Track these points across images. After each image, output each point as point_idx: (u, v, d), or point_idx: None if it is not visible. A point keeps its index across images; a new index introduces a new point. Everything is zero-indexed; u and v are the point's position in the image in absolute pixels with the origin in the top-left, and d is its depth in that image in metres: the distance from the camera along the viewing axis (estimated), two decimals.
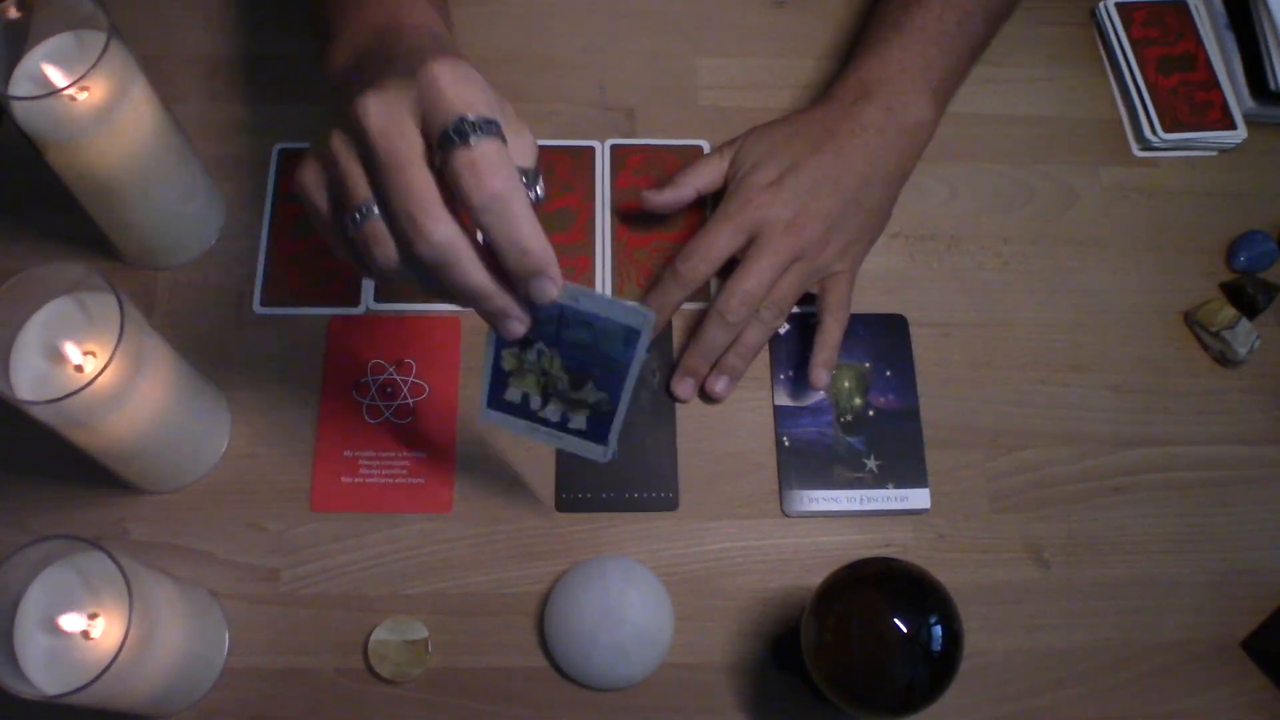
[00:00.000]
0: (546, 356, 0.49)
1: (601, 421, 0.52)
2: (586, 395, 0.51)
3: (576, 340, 0.48)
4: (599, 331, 0.47)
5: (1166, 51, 0.77)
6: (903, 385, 0.67)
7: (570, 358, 0.49)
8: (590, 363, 0.49)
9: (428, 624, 0.59)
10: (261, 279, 0.68)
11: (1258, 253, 0.72)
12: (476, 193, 0.41)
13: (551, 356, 0.49)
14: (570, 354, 0.49)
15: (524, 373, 0.51)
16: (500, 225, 0.42)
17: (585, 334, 0.47)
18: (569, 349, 0.48)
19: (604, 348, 0.48)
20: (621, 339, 0.47)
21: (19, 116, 0.53)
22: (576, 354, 0.49)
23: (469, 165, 0.41)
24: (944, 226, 0.73)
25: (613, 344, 0.48)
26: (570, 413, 0.52)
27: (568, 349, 0.48)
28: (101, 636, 0.48)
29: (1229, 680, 0.62)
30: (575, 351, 0.49)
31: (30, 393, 0.51)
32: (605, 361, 0.49)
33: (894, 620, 0.49)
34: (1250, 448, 0.68)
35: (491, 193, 0.41)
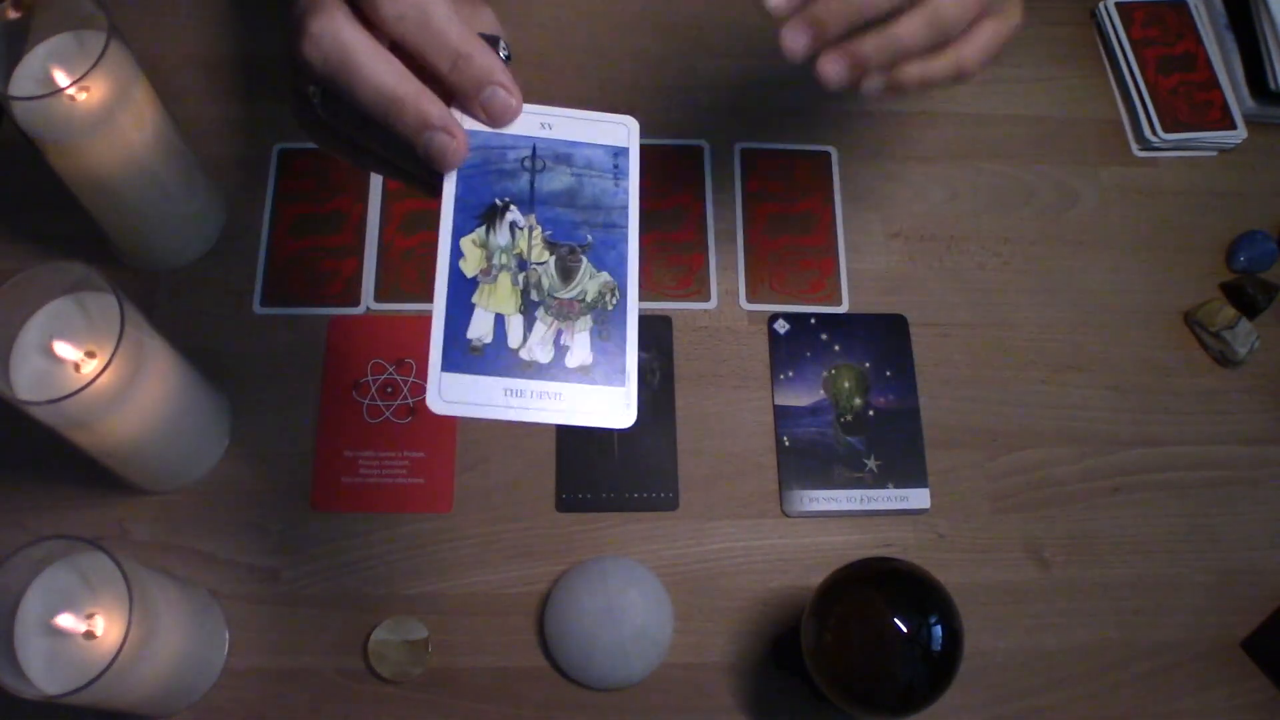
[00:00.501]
0: (522, 230, 0.39)
1: (610, 339, 0.39)
2: (584, 285, 0.40)
3: (556, 191, 0.40)
4: (581, 167, 0.40)
5: (1166, 51, 0.77)
6: (903, 385, 0.67)
7: (552, 223, 0.40)
8: (578, 223, 0.40)
9: (428, 624, 0.59)
10: (261, 279, 0.68)
11: (1258, 253, 0.72)
12: (387, 3, 0.37)
13: (528, 228, 0.39)
14: (551, 217, 0.40)
15: (493, 274, 0.39)
16: (420, 31, 0.37)
17: (566, 176, 0.40)
18: (548, 209, 0.40)
19: (590, 190, 0.40)
20: (610, 169, 0.40)
21: (19, 116, 0.53)
22: (559, 215, 0.40)
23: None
24: (944, 226, 0.73)
25: (601, 181, 0.40)
26: (567, 332, 0.39)
27: (547, 210, 0.40)
28: (101, 636, 0.48)
29: (1229, 680, 0.62)
30: (557, 211, 0.40)
31: (30, 393, 0.50)
32: (596, 212, 0.40)
33: (894, 620, 0.49)
34: (1250, 448, 0.68)
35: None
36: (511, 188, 0.39)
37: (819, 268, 0.70)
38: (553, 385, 0.38)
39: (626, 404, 0.38)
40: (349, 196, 0.70)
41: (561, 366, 0.39)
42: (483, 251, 0.39)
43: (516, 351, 0.38)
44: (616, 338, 0.39)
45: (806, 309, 0.69)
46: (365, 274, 0.68)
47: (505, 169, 0.39)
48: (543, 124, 0.39)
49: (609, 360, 0.39)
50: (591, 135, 0.40)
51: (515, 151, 0.39)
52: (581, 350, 0.39)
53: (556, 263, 0.39)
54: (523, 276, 0.39)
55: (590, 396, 0.38)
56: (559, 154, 0.39)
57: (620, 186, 0.40)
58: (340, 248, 0.68)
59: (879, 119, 0.75)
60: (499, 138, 0.40)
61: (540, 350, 0.38)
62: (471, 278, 0.38)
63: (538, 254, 0.39)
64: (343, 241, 0.69)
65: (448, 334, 0.38)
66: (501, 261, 0.39)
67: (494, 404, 0.38)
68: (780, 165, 0.73)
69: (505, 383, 0.38)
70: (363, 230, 0.69)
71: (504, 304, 0.39)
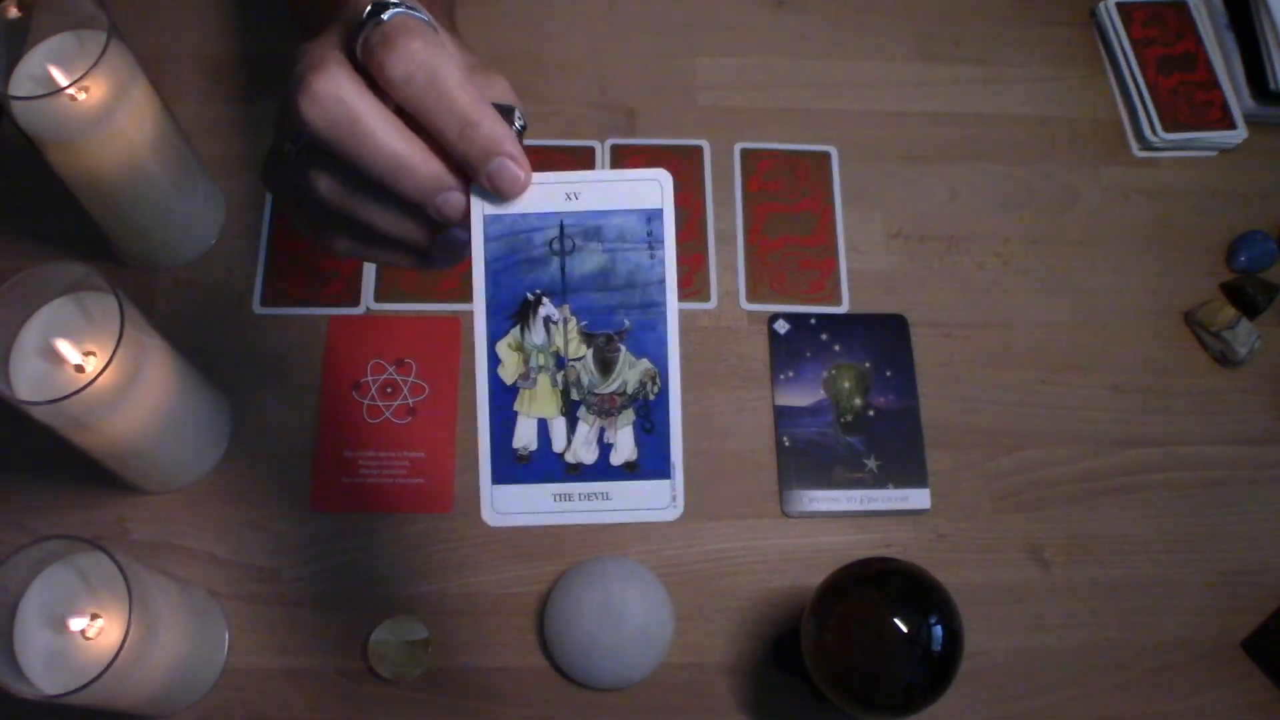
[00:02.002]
0: (557, 325, 0.38)
1: (654, 430, 0.38)
2: (624, 376, 0.38)
3: (588, 274, 0.37)
4: (613, 241, 0.37)
5: (1166, 51, 0.77)
6: (903, 385, 0.67)
7: (587, 311, 0.38)
8: (613, 307, 0.38)
9: (428, 624, 0.59)
10: (261, 279, 0.68)
11: (1258, 253, 0.72)
12: (395, 64, 0.35)
13: (563, 320, 0.38)
14: (585, 305, 0.38)
15: (532, 378, 0.38)
16: (427, 95, 0.35)
17: (597, 254, 0.37)
18: (581, 296, 0.38)
19: (624, 267, 0.37)
20: (643, 239, 0.37)
21: (19, 116, 0.53)
22: (594, 301, 0.38)
23: (381, 39, 0.35)
24: (944, 226, 0.73)
25: (635, 254, 0.37)
26: (610, 430, 0.38)
27: (580, 297, 0.38)
28: (101, 636, 0.48)
29: (1229, 680, 0.62)
30: (591, 297, 0.38)
31: (30, 393, 0.50)
32: (632, 292, 0.38)
33: (894, 620, 0.49)
34: (1250, 448, 0.68)
35: (411, 57, 0.35)
36: (542, 277, 0.37)
37: (819, 268, 0.70)
38: (600, 486, 0.38)
39: (674, 496, 0.38)
40: None
41: (607, 466, 0.38)
42: (519, 355, 0.38)
43: (562, 455, 0.38)
44: (660, 427, 0.38)
45: (806, 309, 0.69)
46: (365, 274, 0.68)
47: (534, 256, 0.37)
48: (568, 194, 0.37)
49: (654, 452, 0.38)
50: (621, 200, 0.37)
51: (542, 234, 0.37)
52: (625, 446, 0.38)
53: (594, 355, 0.38)
54: (561, 375, 0.38)
55: (638, 493, 0.38)
56: (588, 229, 0.37)
57: (656, 258, 0.37)
58: None
59: (879, 119, 0.75)
60: (524, 220, 0.37)
61: (585, 451, 0.38)
62: (511, 385, 0.38)
63: (574, 348, 0.38)
64: None
65: (494, 447, 0.38)
66: (539, 363, 0.38)
67: (545, 510, 0.38)
68: (780, 165, 0.73)
69: (554, 488, 0.38)
70: None
71: (545, 408, 0.38)
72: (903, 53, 0.78)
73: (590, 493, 0.38)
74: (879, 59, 0.77)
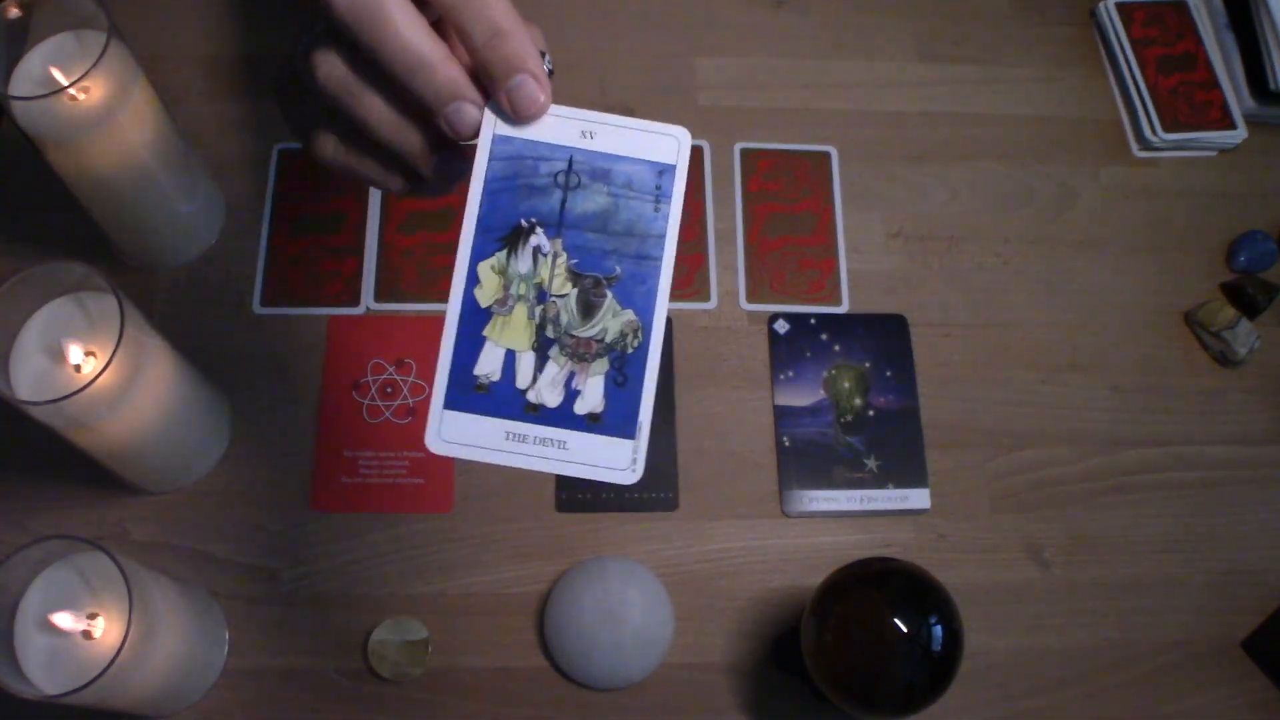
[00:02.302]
0: (546, 259, 0.36)
1: (625, 385, 0.36)
2: (605, 324, 0.36)
3: (589, 213, 0.36)
4: (620, 186, 0.36)
5: (1166, 51, 0.77)
6: (903, 385, 0.67)
7: (579, 250, 0.36)
8: (608, 252, 0.36)
9: (428, 624, 0.59)
10: (261, 279, 0.68)
11: (1258, 253, 0.72)
12: None
13: (553, 255, 0.36)
14: (580, 243, 0.36)
15: (509, 305, 0.36)
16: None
17: (602, 196, 0.36)
18: (577, 234, 0.36)
19: (626, 214, 0.36)
20: (651, 191, 0.36)
21: (19, 116, 0.53)
22: (589, 242, 0.36)
23: None
24: (944, 226, 0.73)
25: (640, 204, 0.36)
26: (580, 375, 0.36)
27: (575, 235, 0.36)
28: (101, 636, 0.48)
29: (1229, 680, 0.62)
30: (587, 237, 0.36)
31: (30, 393, 0.50)
32: (629, 240, 0.36)
33: (894, 620, 0.49)
34: (1250, 448, 0.68)
35: None
36: (540, 207, 0.36)
37: (819, 268, 0.70)
38: (558, 432, 0.35)
39: (634, 459, 0.35)
40: (349, 196, 0.70)
41: (569, 413, 0.36)
42: (500, 279, 0.36)
43: (524, 393, 0.36)
44: (633, 384, 0.36)
45: (806, 309, 0.69)
46: (365, 274, 0.68)
47: (537, 184, 0.36)
48: (584, 132, 0.36)
49: (622, 409, 0.36)
50: (636, 148, 0.36)
51: (549, 164, 0.36)
52: (593, 396, 0.36)
53: (578, 296, 0.36)
54: (540, 310, 0.36)
55: (596, 448, 0.35)
56: (597, 169, 0.36)
57: (660, 212, 0.36)
58: (340, 248, 0.68)
59: (879, 119, 0.75)
60: (533, 148, 0.36)
61: (549, 393, 0.36)
62: (486, 308, 0.36)
63: (559, 285, 0.36)
64: (343, 241, 0.69)
65: (454, 368, 0.35)
66: (519, 291, 0.36)
67: (494, 447, 0.35)
68: (780, 165, 0.73)
69: (508, 425, 0.36)
70: (363, 230, 0.69)
71: (517, 339, 0.36)
72: (903, 53, 0.78)
73: (546, 438, 0.35)
74: (879, 59, 0.77)
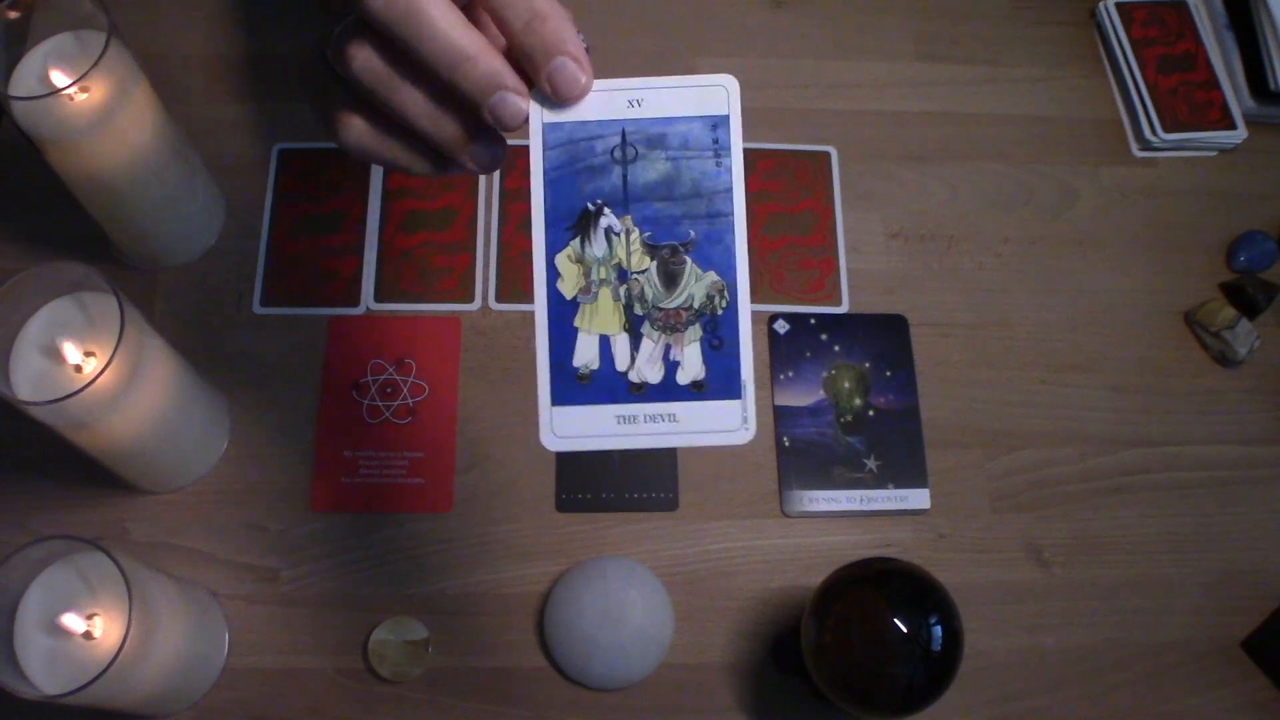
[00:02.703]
0: (619, 236, 0.36)
1: (722, 346, 0.36)
2: (690, 290, 0.36)
3: (651, 182, 0.36)
4: (677, 148, 0.36)
5: (1166, 51, 0.77)
6: (903, 385, 0.67)
7: (650, 221, 0.36)
8: (678, 218, 0.36)
9: (428, 624, 0.59)
10: (261, 279, 0.68)
11: (1258, 253, 0.72)
12: None
13: (625, 231, 0.36)
14: (649, 214, 0.36)
15: (593, 292, 0.36)
16: None
17: (661, 162, 0.36)
18: (644, 206, 0.36)
19: (689, 175, 0.36)
20: (709, 146, 0.36)
21: (19, 116, 0.53)
22: (657, 211, 0.36)
23: None
24: (944, 226, 0.73)
25: (700, 161, 0.36)
26: (676, 346, 0.36)
27: (643, 207, 0.36)
28: (101, 636, 0.48)
29: (1229, 680, 0.62)
30: (654, 206, 0.36)
31: (30, 393, 0.50)
32: (697, 201, 0.36)
33: (894, 620, 0.49)
34: (1250, 448, 0.68)
35: None
36: (603, 186, 0.35)
37: (819, 268, 0.70)
38: (666, 406, 0.36)
39: (744, 418, 0.36)
40: (349, 196, 0.70)
41: (673, 384, 0.36)
42: (579, 267, 0.36)
43: (625, 374, 0.36)
44: (729, 344, 0.36)
45: (806, 309, 0.69)
46: (365, 274, 0.68)
47: (595, 164, 0.35)
48: (630, 101, 0.35)
49: (723, 371, 0.36)
50: (686, 106, 0.35)
51: (603, 142, 0.35)
52: (693, 364, 0.36)
53: (658, 268, 0.36)
54: (624, 289, 0.36)
55: (706, 414, 0.36)
56: (651, 136, 0.36)
57: (722, 165, 0.36)
58: (340, 248, 0.68)
59: (879, 119, 0.75)
60: (584, 128, 0.36)
61: (649, 370, 0.36)
62: (571, 299, 0.36)
63: (637, 260, 0.36)
64: (343, 241, 0.69)
65: (553, 365, 0.36)
66: (600, 276, 0.36)
67: (608, 433, 0.36)
68: (780, 165, 0.73)
69: (617, 410, 0.36)
70: (363, 230, 0.69)
71: (607, 324, 0.36)
72: (903, 53, 0.78)
73: (656, 414, 0.36)
74: (879, 59, 0.77)
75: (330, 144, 0.74)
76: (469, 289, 0.68)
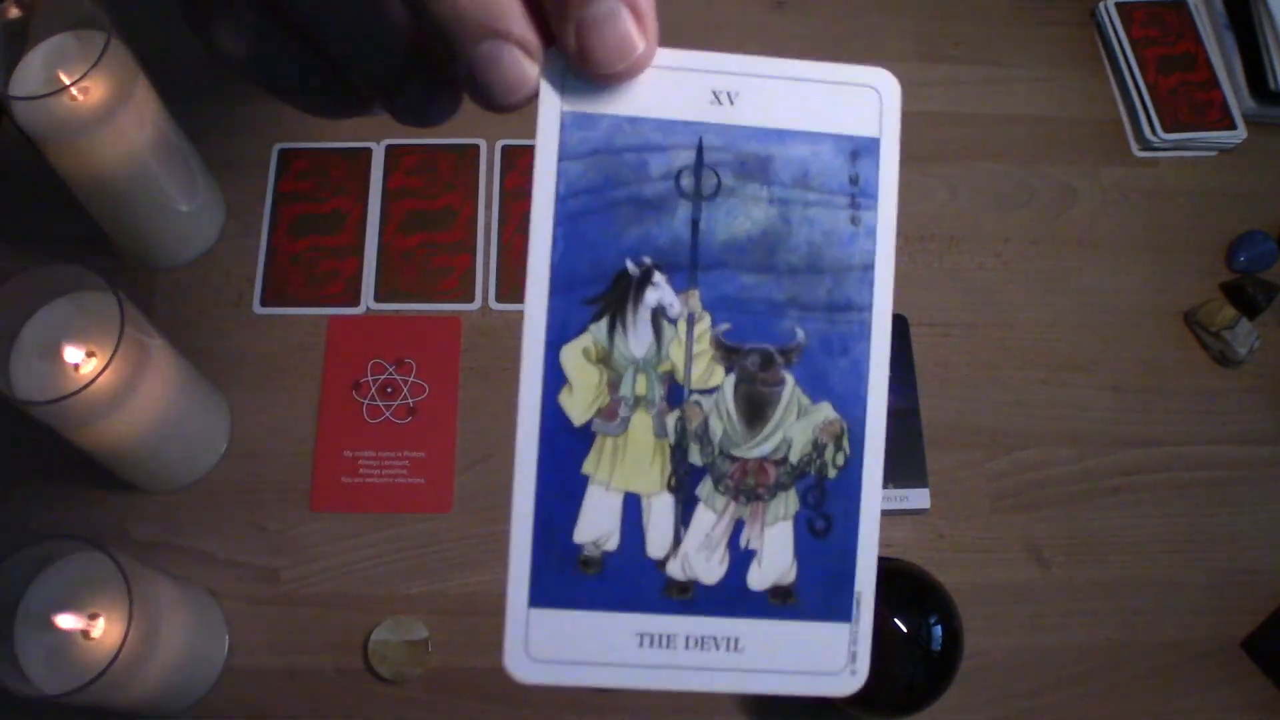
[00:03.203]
0: (675, 327, 0.22)
1: (830, 533, 0.23)
2: (785, 432, 0.23)
3: (738, 239, 0.22)
4: (788, 185, 0.22)
5: (1166, 51, 0.77)
6: (903, 385, 0.67)
7: (732, 306, 0.22)
8: (779, 305, 0.22)
9: (428, 624, 0.59)
10: (261, 279, 0.68)
11: (1258, 253, 0.72)
12: None
13: (687, 315, 0.22)
14: (730, 294, 0.22)
15: (621, 419, 0.22)
16: None
17: (760, 205, 0.22)
18: (724, 277, 0.22)
19: (805, 233, 0.22)
20: (844, 187, 0.22)
21: (19, 116, 0.53)
22: (745, 289, 0.22)
23: None
24: (944, 226, 0.73)
25: (826, 212, 0.22)
26: (752, 525, 0.23)
27: (721, 279, 0.22)
28: (101, 636, 0.48)
29: (1229, 680, 0.62)
30: (740, 281, 0.22)
31: (30, 393, 0.50)
32: (815, 280, 0.22)
33: (894, 620, 0.49)
34: (1250, 448, 0.68)
35: None
36: (657, 235, 0.22)
37: None
38: (725, 624, 0.23)
39: (853, 654, 0.23)
40: (349, 196, 0.70)
41: (740, 589, 0.23)
42: (602, 372, 0.22)
43: (662, 564, 0.23)
44: (840, 528, 0.23)
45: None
46: (365, 274, 0.68)
47: (646, 196, 0.22)
48: (718, 93, 0.23)
49: (826, 572, 0.23)
50: (810, 114, 0.22)
51: (665, 158, 0.22)
52: (778, 557, 0.23)
53: (738, 387, 0.22)
54: (675, 419, 0.22)
55: (789, 642, 0.23)
56: (746, 158, 0.22)
57: (861, 225, 0.22)
58: (340, 248, 0.68)
59: None
60: (635, 131, 0.23)
61: (703, 561, 0.23)
62: (583, 425, 0.22)
63: (703, 372, 0.22)
64: (343, 241, 0.69)
65: (540, 536, 0.22)
66: (636, 390, 0.22)
67: (623, 660, 0.23)
68: None
69: (641, 623, 0.22)
70: (363, 230, 0.69)
71: (640, 475, 0.22)
72: (903, 53, 0.78)
73: (707, 636, 0.23)
74: (879, 59, 0.77)
75: (330, 144, 0.74)
76: (469, 289, 0.68)
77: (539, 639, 0.22)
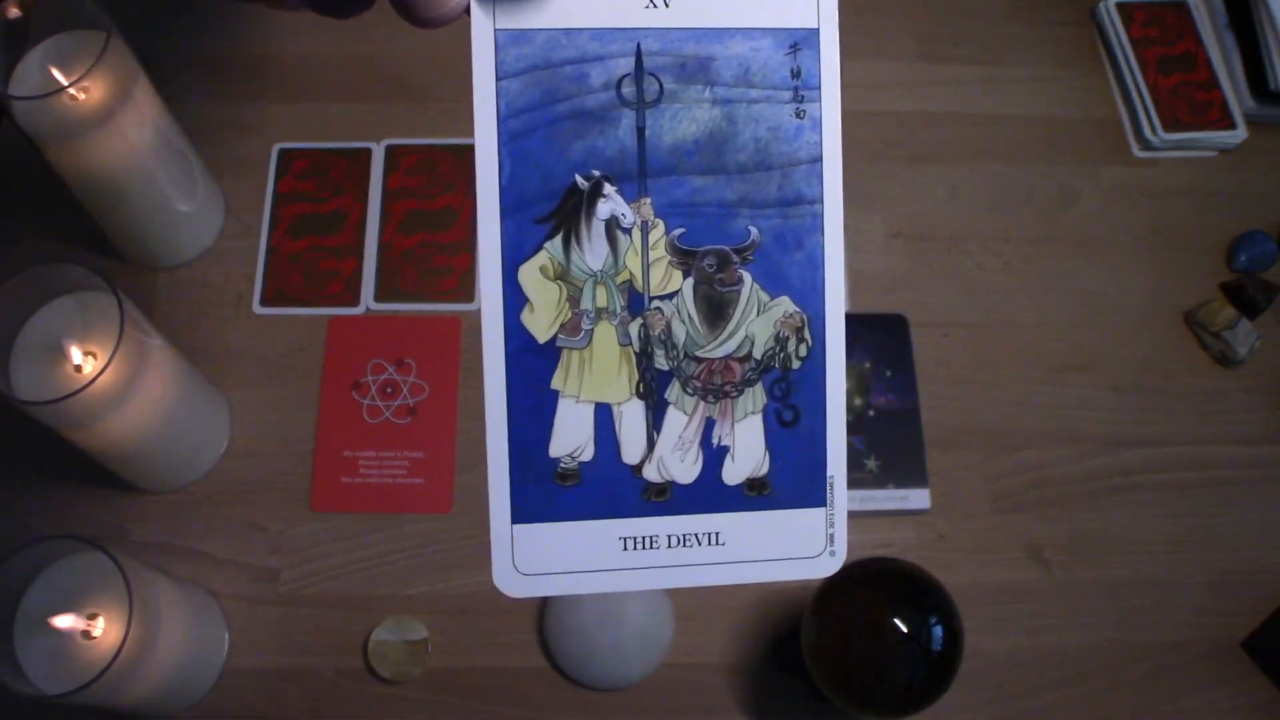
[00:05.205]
0: (630, 233, 0.22)
1: (799, 421, 0.23)
2: (748, 328, 0.22)
3: (685, 142, 0.22)
4: (730, 83, 0.21)
5: (1166, 51, 0.77)
6: (903, 385, 0.67)
7: (683, 210, 0.22)
8: (731, 204, 0.22)
9: (428, 624, 0.59)
10: (261, 279, 0.68)
11: (1258, 253, 0.72)
12: None
13: (641, 224, 0.22)
14: (681, 197, 0.22)
15: (584, 331, 0.22)
16: None
17: (703, 107, 0.22)
18: (674, 182, 0.22)
19: (751, 131, 0.22)
20: (786, 80, 0.22)
21: (19, 116, 0.53)
22: (696, 190, 0.22)
23: None
24: (944, 226, 0.73)
25: (771, 107, 0.22)
26: (723, 422, 0.23)
27: (671, 184, 0.22)
28: (101, 636, 0.48)
29: (1229, 680, 0.62)
30: (691, 183, 0.22)
31: (30, 393, 0.50)
32: (765, 178, 0.22)
33: (894, 620, 0.49)
34: (1250, 448, 0.68)
35: None
36: (603, 147, 0.22)
37: None
38: (705, 520, 0.23)
39: (830, 535, 0.23)
40: (349, 196, 0.70)
41: (716, 485, 0.23)
42: (561, 289, 0.22)
43: (637, 469, 0.23)
44: (809, 417, 0.23)
45: None
46: (365, 274, 0.68)
47: (587, 108, 0.21)
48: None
49: (799, 461, 0.23)
50: (747, 11, 0.21)
51: (603, 67, 0.21)
52: (750, 451, 0.23)
53: (697, 289, 0.22)
54: (638, 326, 0.22)
55: (770, 532, 0.23)
56: (686, 61, 0.22)
57: (807, 115, 0.22)
58: (340, 248, 0.69)
59: (879, 119, 0.75)
60: (572, 42, 0.22)
61: (678, 462, 0.23)
62: (547, 342, 0.22)
63: (661, 278, 0.22)
64: (343, 241, 0.69)
65: (515, 455, 0.24)
66: (597, 302, 0.22)
67: (607, 565, 0.23)
68: None
69: (624, 527, 0.23)
70: (363, 230, 0.69)
71: (608, 385, 0.22)
72: (903, 53, 0.78)
73: (688, 533, 0.22)
74: (879, 59, 0.77)
75: (330, 144, 0.74)
76: (469, 289, 0.68)
77: (525, 553, 0.24)
